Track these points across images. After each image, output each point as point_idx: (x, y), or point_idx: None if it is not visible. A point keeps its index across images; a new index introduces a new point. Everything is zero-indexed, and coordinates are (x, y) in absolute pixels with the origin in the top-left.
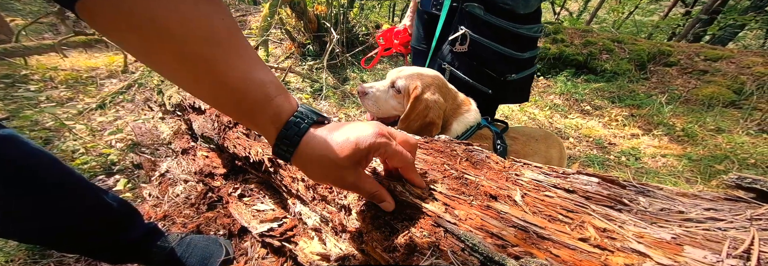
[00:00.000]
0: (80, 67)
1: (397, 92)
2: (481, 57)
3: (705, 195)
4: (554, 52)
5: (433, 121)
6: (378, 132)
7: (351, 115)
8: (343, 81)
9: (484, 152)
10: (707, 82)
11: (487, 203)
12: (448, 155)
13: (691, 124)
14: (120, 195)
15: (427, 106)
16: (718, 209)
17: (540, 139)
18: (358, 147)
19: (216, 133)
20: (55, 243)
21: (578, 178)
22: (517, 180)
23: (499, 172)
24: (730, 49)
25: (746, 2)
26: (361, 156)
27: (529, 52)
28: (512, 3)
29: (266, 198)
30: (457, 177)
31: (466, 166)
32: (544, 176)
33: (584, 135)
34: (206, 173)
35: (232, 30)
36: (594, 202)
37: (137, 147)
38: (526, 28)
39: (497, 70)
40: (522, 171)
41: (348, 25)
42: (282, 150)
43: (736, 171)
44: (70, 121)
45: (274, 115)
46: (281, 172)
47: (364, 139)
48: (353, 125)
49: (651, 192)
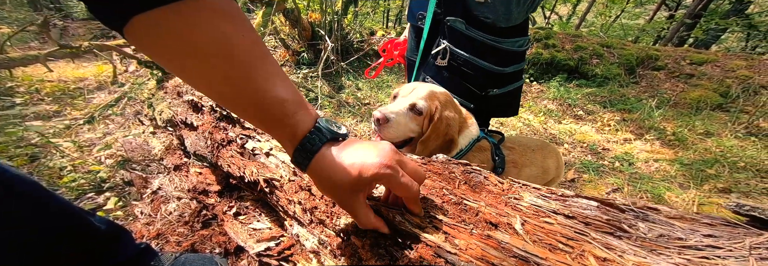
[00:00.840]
0: (68, 78)
1: (417, 114)
2: (461, 71)
3: (703, 218)
4: (546, 58)
5: (452, 138)
6: (384, 162)
7: (347, 125)
8: (338, 89)
9: (482, 173)
10: (694, 86)
11: (488, 232)
12: (446, 178)
13: (681, 128)
14: (111, 214)
15: (447, 124)
16: (716, 235)
17: (536, 149)
18: (361, 176)
19: (209, 151)
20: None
21: (577, 202)
22: (517, 205)
23: (498, 196)
24: (714, 52)
25: (727, 6)
26: (362, 184)
27: (512, 67)
28: (493, 17)
29: (262, 216)
30: (457, 203)
31: (464, 190)
32: (543, 200)
33: (578, 141)
34: (200, 190)
35: (253, 46)
36: (594, 229)
37: (128, 163)
38: (509, 42)
39: (478, 85)
40: (521, 193)
41: (342, 32)
42: (297, 163)
43: (727, 175)
44: (57, 138)
45: (291, 133)
46: (277, 193)
47: (368, 168)
48: (363, 148)
49: (650, 217)
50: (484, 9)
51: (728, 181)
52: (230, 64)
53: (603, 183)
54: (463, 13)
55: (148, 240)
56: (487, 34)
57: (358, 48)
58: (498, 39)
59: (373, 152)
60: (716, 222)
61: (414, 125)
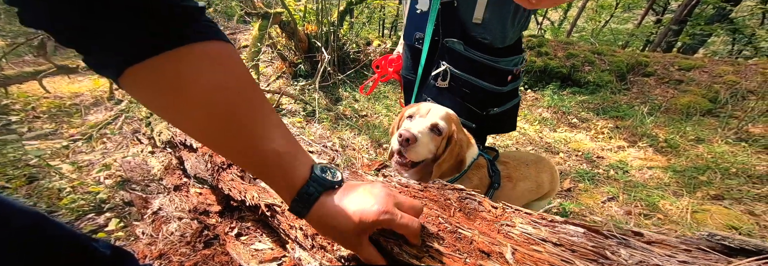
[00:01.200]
0: (63, 94)
1: (437, 135)
2: (462, 92)
3: (681, 243)
4: (540, 65)
5: (463, 158)
6: (382, 209)
7: (344, 138)
8: (335, 101)
9: (476, 198)
10: (684, 92)
11: (480, 261)
12: (442, 205)
13: (673, 135)
14: (112, 235)
15: (461, 145)
16: (689, 262)
17: (531, 164)
18: (362, 222)
19: (209, 175)
20: None
21: (565, 228)
22: (509, 232)
23: (492, 223)
24: (701, 58)
25: (711, 10)
26: (363, 230)
27: (510, 85)
28: (490, 38)
29: (264, 236)
30: (452, 231)
31: (459, 218)
32: (533, 227)
33: (573, 150)
34: (201, 211)
35: (247, 94)
36: (579, 256)
37: (127, 183)
38: (505, 61)
39: (479, 105)
40: (513, 219)
41: (339, 42)
42: (295, 212)
43: (719, 181)
44: (55, 159)
45: (288, 185)
46: (278, 217)
47: (368, 216)
48: (360, 195)
49: (631, 243)
50: (482, 30)
51: (721, 188)
52: (223, 114)
53: (598, 192)
54: (461, 35)
55: (151, 260)
56: (485, 54)
57: (354, 58)
58: (495, 59)
59: (371, 199)
60: (693, 247)
61: (432, 146)
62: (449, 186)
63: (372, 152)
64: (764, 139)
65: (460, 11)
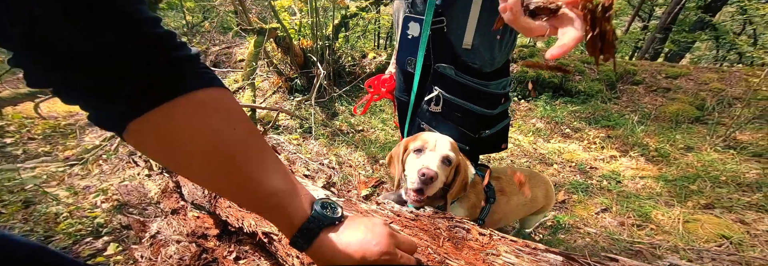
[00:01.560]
0: (58, 113)
1: (447, 165)
2: (455, 116)
3: None
4: (532, 76)
5: (467, 181)
6: (383, 250)
7: (341, 154)
8: (331, 116)
9: (466, 225)
10: (672, 99)
11: None
12: (431, 235)
13: (663, 144)
14: (111, 259)
15: (466, 171)
16: None
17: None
18: (364, 259)
19: (207, 201)
20: None
21: (546, 256)
22: (493, 262)
23: (478, 253)
24: (687, 66)
25: (693, 17)
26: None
27: (499, 107)
28: (480, 62)
29: (262, 260)
30: (440, 262)
31: (448, 248)
32: (516, 256)
33: (567, 161)
34: (199, 234)
35: (245, 138)
36: None
37: (124, 207)
38: (494, 85)
39: (471, 128)
40: (498, 248)
41: (334, 56)
42: (296, 247)
43: (709, 190)
44: (51, 185)
45: (288, 222)
46: (276, 245)
47: (370, 255)
48: (361, 232)
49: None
50: (471, 55)
51: (711, 196)
52: (221, 159)
53: (592, 204)
54: (452, 60)
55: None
56: (475, 78)
57: (350, 71)
58: (485, 82)
59: (372, 238)
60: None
61: (444, 176)
62: (440, 214)
63: (369, 168)
64: (752, 147)
65: (451, 37)
